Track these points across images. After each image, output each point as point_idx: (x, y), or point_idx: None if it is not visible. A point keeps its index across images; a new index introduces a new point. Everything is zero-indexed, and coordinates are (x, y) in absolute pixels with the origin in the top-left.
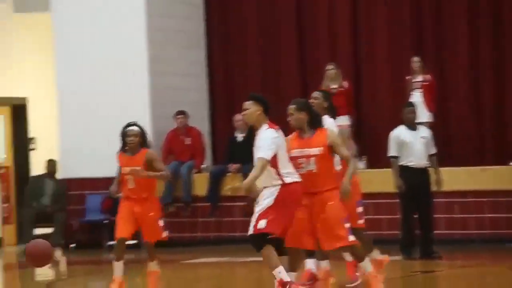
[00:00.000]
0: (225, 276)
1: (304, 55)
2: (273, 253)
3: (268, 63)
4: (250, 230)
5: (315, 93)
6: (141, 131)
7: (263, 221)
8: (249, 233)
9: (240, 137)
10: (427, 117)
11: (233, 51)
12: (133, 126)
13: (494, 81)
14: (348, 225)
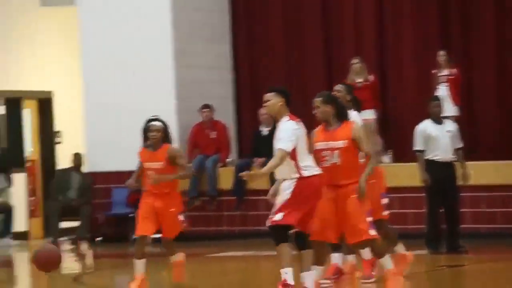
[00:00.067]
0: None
1: (330, 48)
2: (288, 252)
3: (293, 56)
4: (267, 222)
5: (337, 86)
6: (164, 126)
7: (279, 214)
8: (267, 224)
9: (265, 131)
10: (453, 111)
11: (258, 44)
12: (155, 121)
13: None
14: (370, 219)
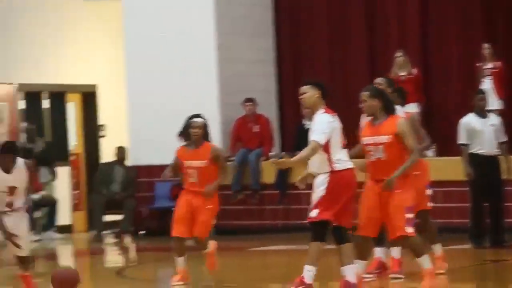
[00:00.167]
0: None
1: (373, 42)
2: (318, 251)
3: (336, 50)
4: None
5: (378, 79)
6: (205, 123)
7: (315, 211)
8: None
9: (308, 124)
10: (497, 104)
11: (301, 37)
12: (197, 117)
13: None
14: (410, 216)
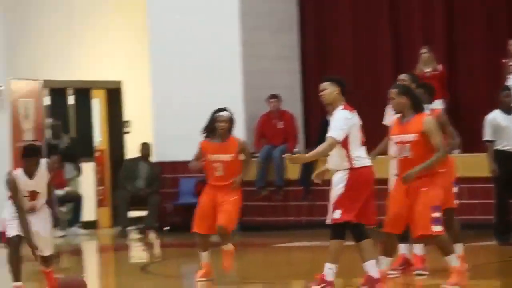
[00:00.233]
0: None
1: (398, 38)
2: (339, 249)
3: (361, 46)
4: (328, 220)
5: (402, 76)
6: (231, 116)
7: (338, 211)
8: (327, 221)
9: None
10: None
11: (325, 34)
12: (223, 111)
13: None
14: (437, 215)
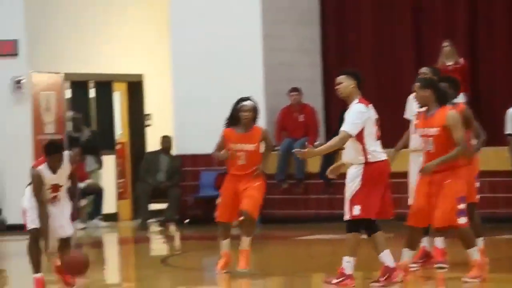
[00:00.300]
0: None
1: (420, 31)
2: (357, 242)
3: (382, 39)
4: (346, 215)
5: (423, 69)
6: (255, 106)
7: (357, 207)
8: (345, 218)
9: None
10: None
11: (347, 27)
12: (247, 100)
13: None
14: (462, 206)
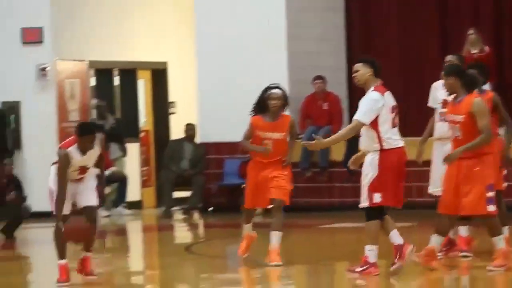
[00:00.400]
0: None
1: (445, 19)
2: (376, 230)
3: (407, 28)
4: (365, 202)
5: (449, 57)
6: (284, 94)
7: (377, 194)
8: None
9: None
10: None
11: (371, 15)
12: (276, 88)
13: None
14: (491, 194)
